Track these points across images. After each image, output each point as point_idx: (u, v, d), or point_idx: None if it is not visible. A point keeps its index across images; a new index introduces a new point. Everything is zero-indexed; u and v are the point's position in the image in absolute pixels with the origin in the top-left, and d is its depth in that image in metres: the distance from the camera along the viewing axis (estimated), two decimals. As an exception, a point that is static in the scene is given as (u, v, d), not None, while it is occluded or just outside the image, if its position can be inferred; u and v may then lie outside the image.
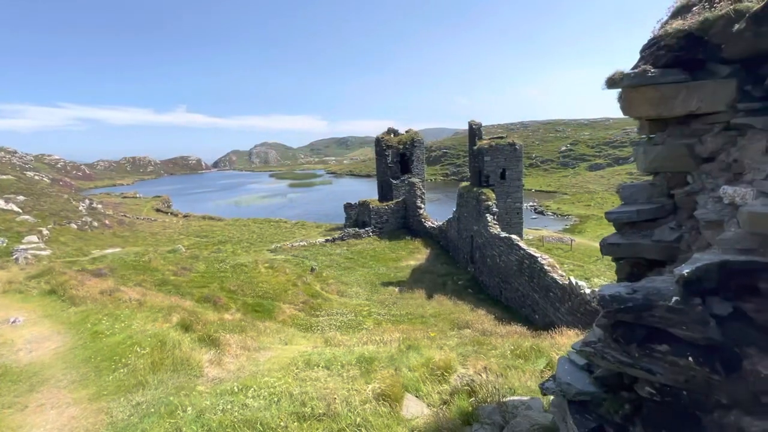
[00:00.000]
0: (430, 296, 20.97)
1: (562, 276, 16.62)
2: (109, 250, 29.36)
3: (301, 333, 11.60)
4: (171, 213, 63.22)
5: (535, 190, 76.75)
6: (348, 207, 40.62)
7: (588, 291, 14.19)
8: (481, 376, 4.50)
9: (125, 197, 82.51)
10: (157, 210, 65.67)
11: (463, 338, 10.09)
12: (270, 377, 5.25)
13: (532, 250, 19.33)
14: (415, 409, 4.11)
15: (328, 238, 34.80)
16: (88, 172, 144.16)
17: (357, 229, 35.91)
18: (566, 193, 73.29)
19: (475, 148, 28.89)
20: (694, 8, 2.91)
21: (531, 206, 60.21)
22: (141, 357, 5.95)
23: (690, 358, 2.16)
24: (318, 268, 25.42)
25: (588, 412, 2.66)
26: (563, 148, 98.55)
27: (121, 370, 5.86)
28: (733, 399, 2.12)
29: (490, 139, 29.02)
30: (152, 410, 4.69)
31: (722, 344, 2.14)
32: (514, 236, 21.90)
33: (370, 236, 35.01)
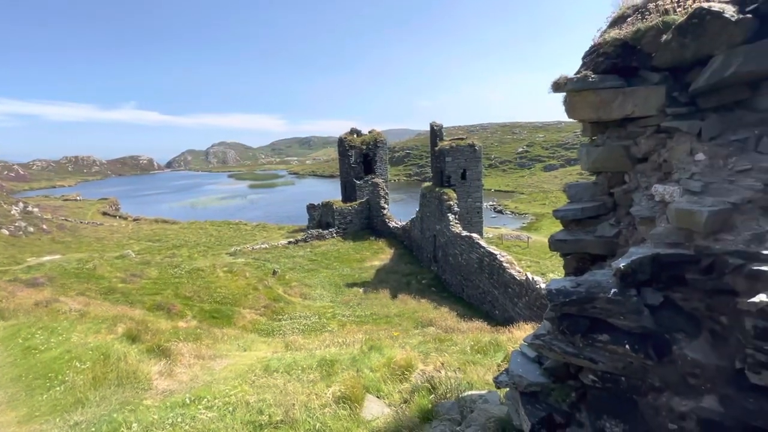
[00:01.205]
0: (394, 296, 21.11)
1: (520, 272, 17.32)
2: (48, 258, 26.97)
3: (262, 338, 11.26)
4: (119, 216, 59.18)
5: (495, 190, 79.55)
6: (311, 208, 40.01)
7: (543, 286, 14.89)
8: (440, 372, 4.58)
9: (66, 200, 76.18)
10: (104, 213, 61.23)
11: (426, 336, 10.24)
12: (225, 386, 5.03)
13: (491, 248, 19.99)
14: (375, 409, 4.11)
15: (291, 239, 34.08)
16: (22, 172, 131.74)
17: (320, 230, 35.45)
18: (523, 193, 76.61)
19: (437, 149, 29.46)
20: (629, 19, 3.12)
21: (491, 205, 62.33)
22: (81, 372, 5.49)
23: (627, 346, 2.31)
24: (280, 271, 24.81)
25: (538, 402, 2.77)
26: (520, 150, 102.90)
27: (58, 388, 5.37)
28: (664, 382, 2.29)
29: (451, 140, 29.70)
30: (92, 429, 4.33)
31: (655, 332, 2.30)
32: (474, 235, 22.54)
33: (334, 237, 34.68)
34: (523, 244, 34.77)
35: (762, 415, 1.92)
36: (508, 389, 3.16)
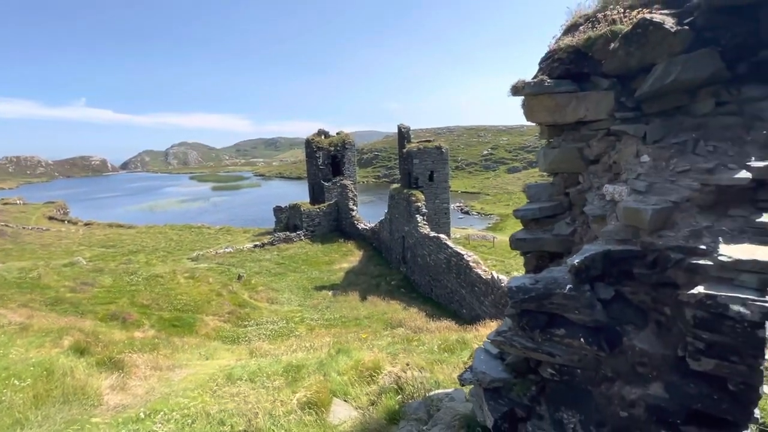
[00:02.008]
0: (364, 298, 21.02)
1: (486, 271, 17.76)
2: (-16, 267, 24.65)
3: (226, 346, 10.85)
4: (68, 221, 55.14)
5: (461, 192, 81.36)
6: (278, 210, 39.16)
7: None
8: (407, 373, 4.60)
9: (7, 204, 70.06)
10: (50, 218, 56.81)
11: (395, 337, 10.26)
12: (184, 397, 4.78)
13: (458, 249, 20.38)
14: (342, 413, 4.06)
15: (257, 243, 33.15)
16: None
17: (288, 233, 34.73)
18: (488, 194, 78.87)
19: (405, 151, 29.72)
20: (581, 27, 3.28)
21: (458, 207, 63.68)
22: (20, 391, 5.02)
23: (582, 339, 2.41)
24: (246, 276, 24.06)
25: (501, 397, 2.84)
26: (485, 152, 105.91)
27: (-7, 410, 4.88)
28: (616, 372, 2.41)
29: (418, 142, 30.07)
30: (35, 452, 3.98)
31: (607, 324, 2.42)
32: (442, 236, 22.90)
33: (302, 240, 34.09)
34: (488, 243, 35.74)
35: (701, 399, 2.06)
36: (472, 386, 3.21)
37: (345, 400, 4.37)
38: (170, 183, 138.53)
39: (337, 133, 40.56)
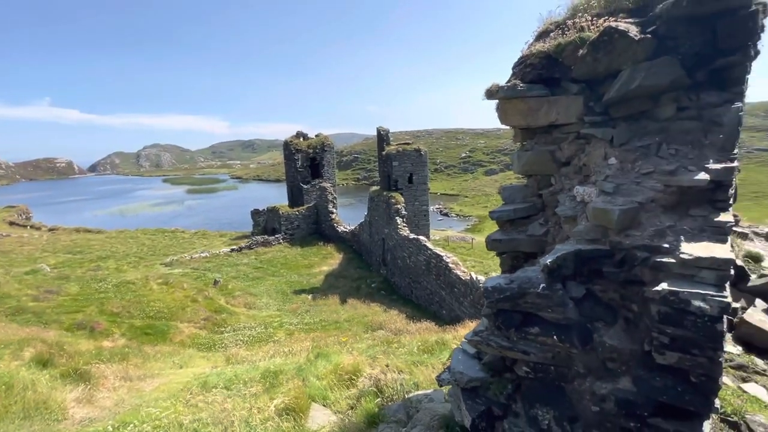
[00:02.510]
0: (344, 301, 20.89)
1: (465, 272, 17.99)
2: (-63, 276, 23.05)
3: (202, 353, 10.53)
4: (31, 226, 52.28)
5: (440, 194, 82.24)
6: (256, 213, 38.44)
7: (486, 284, 15.57)
8: (386, 375, 4.59)
9: (-38, 208, 65.87)
10: (11, 223, 53.69)
11: (376, 340, 10.24)
12: (156, 408, 4.59)
13: (438, 250, 20.57)
14: (321, 418, 4.00)
15: (234, 247, 32.42)
16: None
17: (266, 236, 34.14)
18: (467, 196, 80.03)
19: (384, 153, 29.80)
20: (552, 34, 3.37)
21: (437, 209, 64.31)
22: (-24, 407, 4.71)
23: (555, 337, 2.47)
24: (222, 281, 23.47)
25: (478, 396, 2.87)
26: (463, 155, 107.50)
27: (-54, 429, 4.55)
28: (587, 368, 2.48)
29: (398, 145, 30.21)
30: (-8, 472, 3.74)
31: (578, 322, 2.49)
32: (422, 237, 23.06)
33: (280, 243, 33.58)
34: (467, 245, 36.23)
35: (666, 392, 2.15)
36: (450, 387, 3.24)
37: (324, 405, 4.32)
38: (142, 186, 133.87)
39: (316, 135, 40.26)
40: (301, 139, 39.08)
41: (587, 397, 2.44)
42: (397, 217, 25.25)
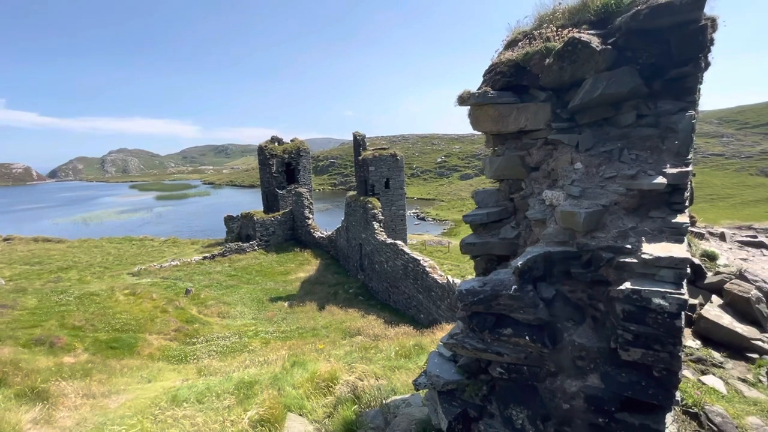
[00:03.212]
0: (321, 307, 20.63)
1: (442, 276, 18.16)
2: None
3: (172, 366, 10.11)
4: (-17, 236, 48.87)
5: (417, 198, 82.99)
6: (229, 220, 37.50)
7: (462, 287, 15.77)
8: (364, 382, 4.55)
9: None
10: (-39, 233, 50.03)
11: (354, 346, 10.15)
12: (121, 426, 4.36)
13: (415, 254, 20.69)
14: (297, 428, 3.92)
15: (207, 255, 31.45)
16: None
17: (240, 243, 33.33)
18: (443, 201, 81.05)
19: (360, 158, 29.80)
20: (520, 43, 3.48)
21: (414, 213, 64.81)
22: None
23: (527, 337, 2.52)
24: (194, 290, 22.70)
25: (454, 399, 2.89)
26: (439, 160, 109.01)
27: None
28: (558, 366, 2.55)
29: (374, 150, 30.29)
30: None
31: (549, 322, 2.56)
32: (399, 242, 23.13)
33: (255, 250, 32.86)
34: (444, 248, 36.64)
35: (631, 387, 2.24)
36: (427, 390, 3.25)
37: (300, 415, 4.23)
38: (107, 192, 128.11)
39: (292, 140, 39.82)
40: (276, 144, 38.54)
41: (558, 395, 2.51)
42: (374, 222, 25.25)
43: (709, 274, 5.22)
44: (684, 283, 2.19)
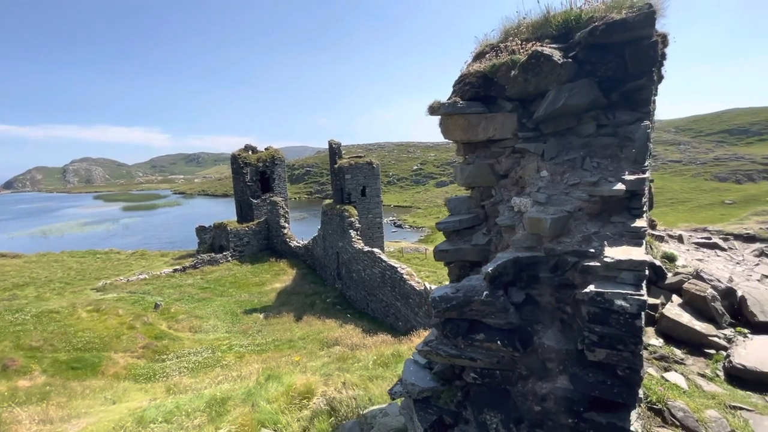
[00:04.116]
0: (298, 318, 20.27)
1: (419, 283, 18.25)
2: None
3: (139, 385, 9.62)
4: (-72, 252, 45.23)
5: (394, 206, 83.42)
6: (201, 230, 36.41)
7: (439, 293, 15.90)
8: (341, 393, 4.49)
9: None
10: None
11: (331, 356, 10.00)
12: (81, 452, 4.11)
13: (392, 262, 20.72)
14: (272, 445, 3.81)
15: (177, 267, 30.35)
16: None
17: (213, 254, 32.37)
18: (420, 208, 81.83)
19: (336, 166, 29.73)
20: (487, 55, 3.60)
21: (390, 221, 65.04)
22: None
23: (499, 342, 2.57)
24: (164, 304, 21.81)
25: (430, 406, 2.90)
26: (415, 168, 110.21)
27: None
28: (529, 369, 2.60)
29: (350, 158, 30.30)
30: None
31: (520, 326, 2.62)
32: (376, 250, 23.12)
33: (229, 261, 31.99)
34: (421, 255, 36.88)
35: (598, 386, 2.31)
36: (403, 399, 3.24)
37: (275, 430, 4.11)
38: (69, 203, 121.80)
39: (266, 149, 39.28)
40: (250, 153, 37.91)
41: (530, 398, 2.56)
42: (351, 230, 25.16)
43: (669, 274, 5.49)
44: (643, 284, 2.30)
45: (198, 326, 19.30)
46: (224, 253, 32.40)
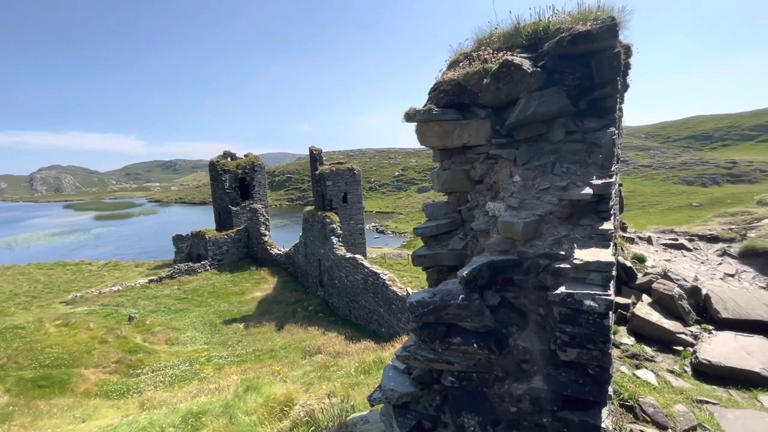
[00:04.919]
0: (280, 327, 19.93)
1: (402, 288, 18.28)
2: None
3: (111, 402, 9.23)
4: None
5: (376, 212, 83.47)
6: (178, 239, 35.44)
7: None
8: (321, 402, 4.44)
9: None
10: None
11: (314, 365, 9.87)
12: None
13: (375, 268, 20.68)
14: (250, 458, 3.72)
15: (153, 277, 29.39)
16: None
17: (191, 263, 31.53)
18: (402, 213, 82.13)
19: (317, 173, 29.57)
20: (461, 63, 3.69)
21: (373, 227, 65.02)
22: None
23: (475, 344, 2.60)
24: (139, 316, 21.06)
25: (409, 411, 2.90)
26: (396, 173, 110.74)
27: None
28: (505, 371, 2.65)
29: (331, 164, 30.20)
30: None
31: (495, 328, 2.66)
32: (358, 256, 23.03)
33: (207, 270, 31.22)
34: (404, 261, 36.94)
35: (570, 385, 2.37)
36: (383, 405, 3.23)
37: (253, 443, 4.03)
38: (37, 213, 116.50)
39: (246, 155, 38.74)
40: (229, 159, 37.29)
41: (506, 399, 2.60)
42: (332, 237, 25.01)
43: (640, 275, 5.70)
44: (611, 284, 2.38)
45: (175, 338, 18.71)
46: (202, 262, 31.62)
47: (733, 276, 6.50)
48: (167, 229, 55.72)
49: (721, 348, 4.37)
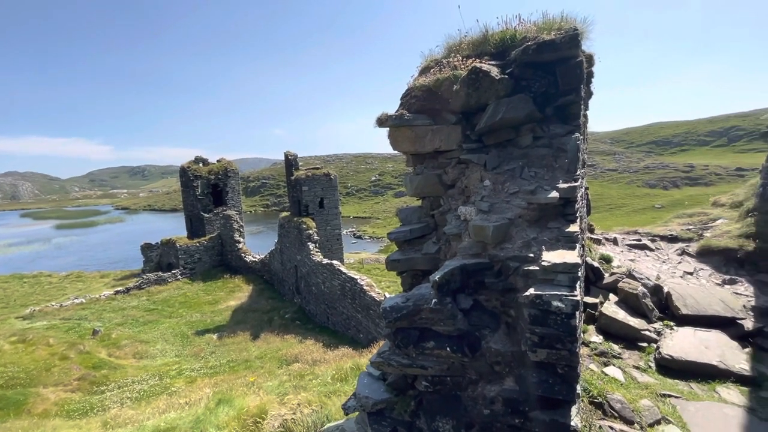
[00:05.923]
0: (255, 336, 19.42)
1: (379, 293, 18.22)
2: None
3: (73, 421, 8.69)
4: None
5: (353, 217, 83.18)
6: (147, 248, 34.05)
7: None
8: (296, 412, 4.33)
9: None
10: None
11: (290, 374, 9.66)
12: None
13: (352, 273, 20.54)
14: (221, 474, 3.58)
15: (120, 288, 28.07)
16: None
17: (161, 273, 30.33)
18: (379, 218, 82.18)
19: (293, 178, 29.20)
20: (432, 69, 3.74)
21: (350, 232, 64.72)
22: None
23: (448, 348, 2.61)
24: (104, 330, 20.03)
25: (384, 418, 2.87)
26: (373, 178, 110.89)
27: None
28: (478, 373, 2.67)
29: (307, 170, 29.90)
30: None
31: (468, 331, 2.68)
32: (335, 262, 22.82)
33: (178, 279, 30.11)
34: (381, 266, 36.91)
35: (541, 385, 2.41)
36: (358, 413, 3.18)
37: (225, 458, 3.88)
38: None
39: (218, 161, 37.81)
40: (201, 165, 36.28)
41: (480, 402, 2.62)
42: (309, 243, 24.69)
43: (606, 275, 5.91)
44: (578, 285, 2.45)
45: (144, 351, 17.89)
46: (173, 272, 30.49)
47: (691, 274, 6.86)
48: (135, 237, 53.53)
49: (681, 343, 4.58)
